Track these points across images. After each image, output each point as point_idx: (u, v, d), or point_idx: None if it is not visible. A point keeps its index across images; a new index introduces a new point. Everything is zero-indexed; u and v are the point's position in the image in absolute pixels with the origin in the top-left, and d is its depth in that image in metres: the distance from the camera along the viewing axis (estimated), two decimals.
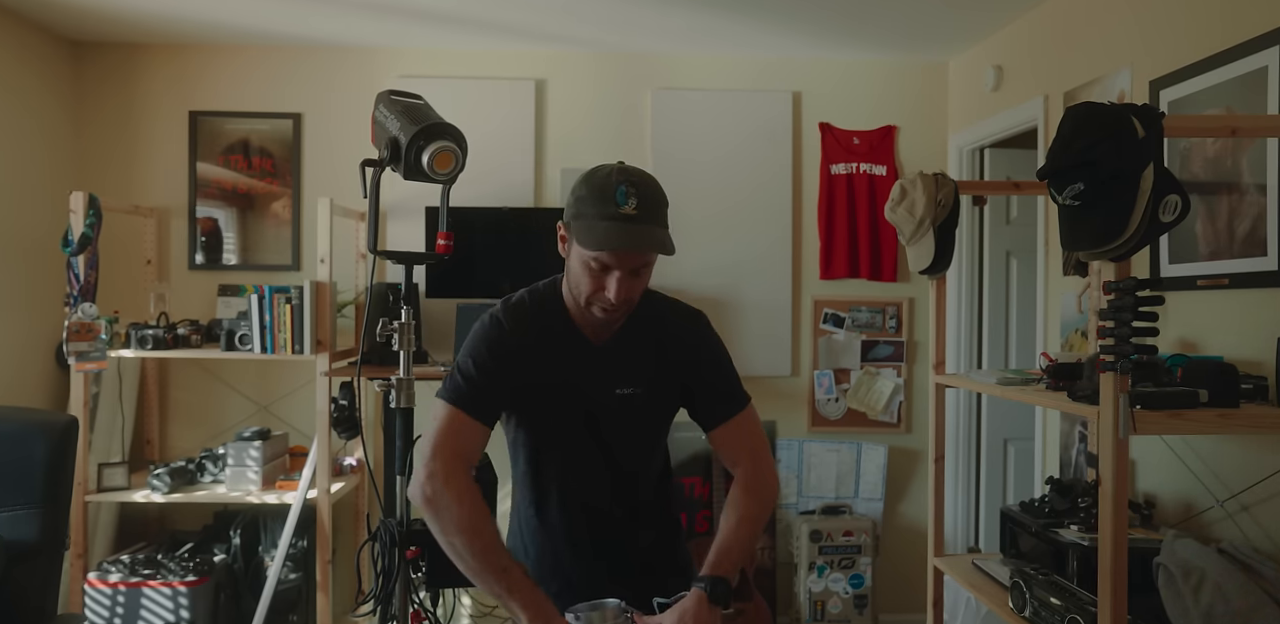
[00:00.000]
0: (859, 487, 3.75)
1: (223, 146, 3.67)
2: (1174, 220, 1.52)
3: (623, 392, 1.63)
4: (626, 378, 1.63)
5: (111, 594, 3.01)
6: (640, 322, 1.66)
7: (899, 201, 2.54)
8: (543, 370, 1.61)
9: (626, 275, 1.50)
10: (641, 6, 3.15)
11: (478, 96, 3.67)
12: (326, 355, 3.10)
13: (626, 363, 1.64)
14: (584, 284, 1.53)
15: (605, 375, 1.63)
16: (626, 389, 1.63)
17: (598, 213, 1.47)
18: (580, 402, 1.63)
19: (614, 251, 1.47)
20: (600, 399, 1.63)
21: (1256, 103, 2.04)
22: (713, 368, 1.69)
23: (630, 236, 1.46)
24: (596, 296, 1.53)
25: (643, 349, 1.65)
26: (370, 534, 1.98)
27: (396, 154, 1.89)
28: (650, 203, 1.50)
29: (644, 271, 1.54)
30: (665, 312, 1.71)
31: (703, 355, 1.68)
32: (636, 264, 1.51)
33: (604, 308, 1.54)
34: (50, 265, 3.37)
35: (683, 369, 1.67)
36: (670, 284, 3.49)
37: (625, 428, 1.67)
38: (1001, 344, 3.66)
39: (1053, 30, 3.01)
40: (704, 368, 1.68)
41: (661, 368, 1.65)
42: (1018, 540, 2.36)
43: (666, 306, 1.72)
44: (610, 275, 1.50)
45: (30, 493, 2.06)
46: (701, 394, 1.67)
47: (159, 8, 3.20)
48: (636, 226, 1.46)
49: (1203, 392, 1.76)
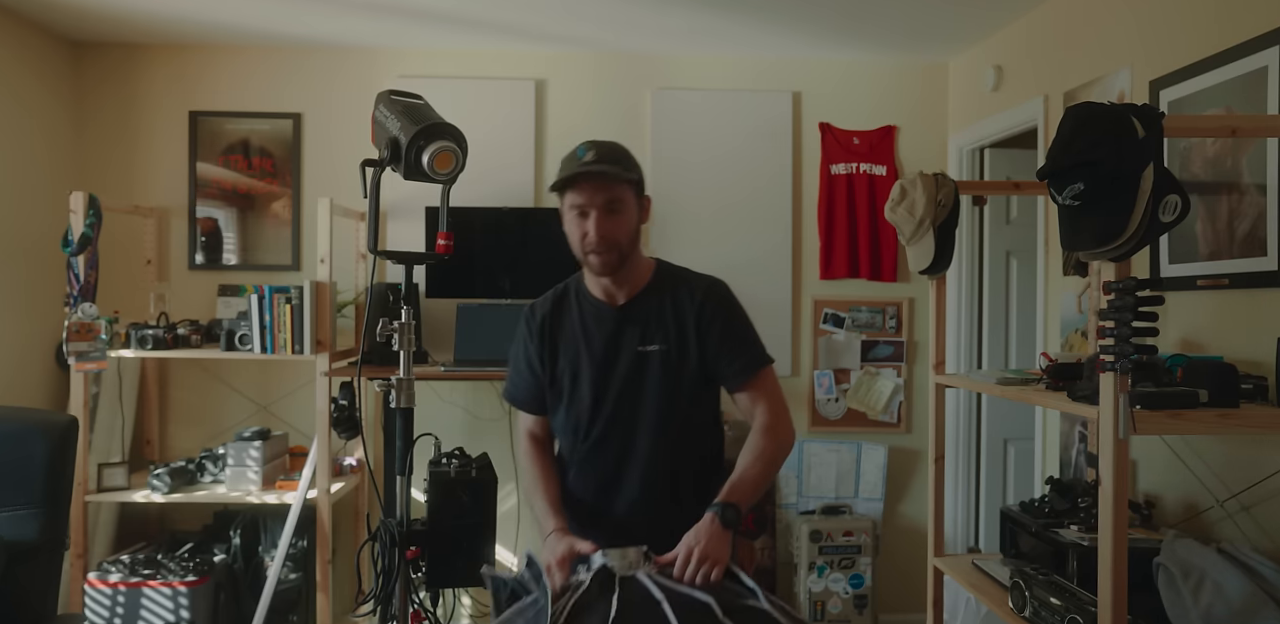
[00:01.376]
0: (859, 487, 3.75)
1: (223, 146, 3.67)
2: (1174, 220, 1.52)
3: (647, 349, 1.77)
4: (648, 336, 1.78)
5: (111, 594, 3.01)
6: (657, 286, 1.82)
7: (899, 201, 2.54)
8: (570, 335, 1.82)
9: (603, 215, 1.70)
10: (641, 6, 3.15)
11: (478, 96, 3.67)
12: (326, 355, 3.10)
13: (646, 322, 1.79)
14: (574, 235, 1.73)
15: (627, 334, 1.78)
16: (650, 346, 1.77)
17: (565, 168, 1.73)
18: (611, 359, 1.78)
19: (577, 188, 1.69)
20: (628, 357, 1.77)
21: (1256, 103, 2.04)
22: (730, 329, 1.80)
23: (587, 173, 1.69)
24: (585, 242, 1.71)
25: (660, 310, 1.79)
26: (370, 534, 1.98)
27: (396, 154, 1.89)
28: (607, 152, 1.73)
29: (620, 209, 1.72)
30: (682, 278, 1.86)
31: (720, 317, 1.79)
32: (603, 199, 1.69)
33: (593, 250, 1.71)
34: (50, 265, 3.37)
35: (702, 330, 1.78)
36: None
37: (658, 385, 1.77)
38: (1001, 344, 3.66)
39: (1052, 30, 3.01)
40: (722, 328, 1.79)
41: (681, 328, 1.78)
42: (1018, 540, 2.36)
43: (684, 273, 1.88)
44: (588, 219, 1.70)
45: (30, 493, 2.06)
46: (723, 354, 1.78)
47: (159, 8, 3.20)
48: (592, 167, 1.69)
49: (1203, 392, 1.76)
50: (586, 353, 1.80)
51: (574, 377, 1.81)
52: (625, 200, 1.73)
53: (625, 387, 1.78)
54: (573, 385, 1.81)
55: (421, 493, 3.31)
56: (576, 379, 1.80)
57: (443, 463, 3.03)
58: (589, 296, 1.84)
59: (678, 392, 1.78)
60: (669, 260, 1.93)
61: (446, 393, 3.63)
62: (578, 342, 1.81)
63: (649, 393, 1.77)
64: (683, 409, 1.79)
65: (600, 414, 1.78)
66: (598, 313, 1.82)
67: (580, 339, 1.81)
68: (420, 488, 3.25)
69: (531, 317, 1.88)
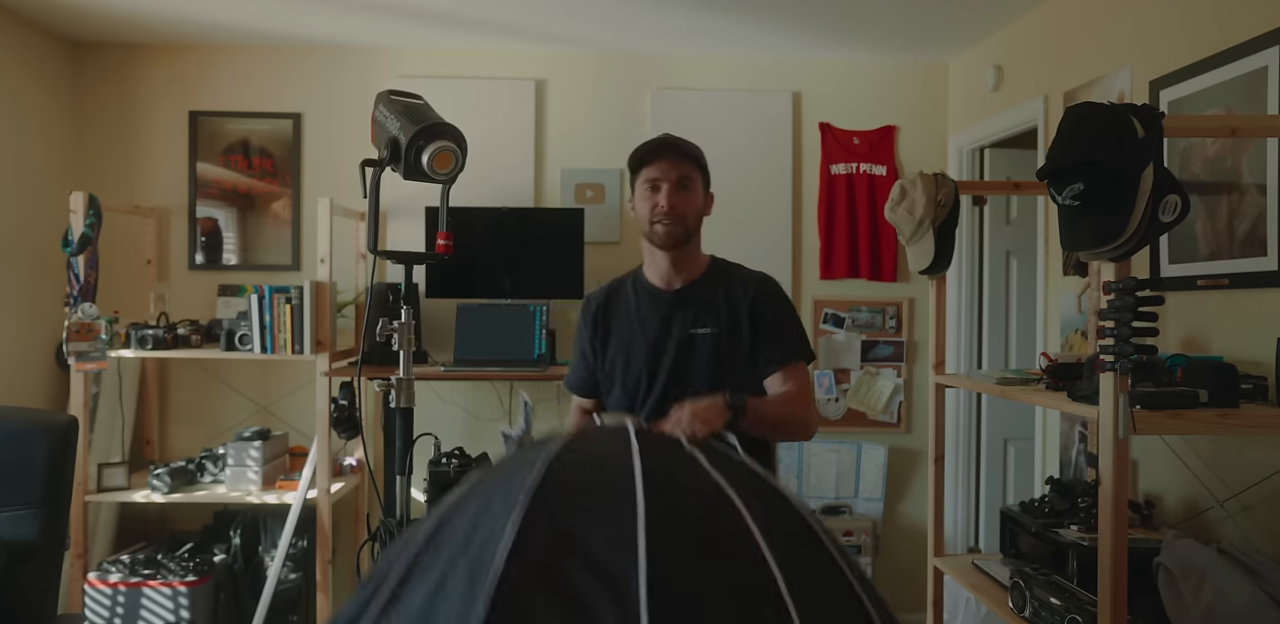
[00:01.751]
0: (859, 487, 3.75)
1: (223, 146, 3.67)
2: (1174, 220, 1.52)
3: (698, 331, 1.88)
4: (700, 319, 1.88)
5: (111, 594, 3.01)
6: (712, 276, 1.94)
7: (899, 201, 2.54)
8: (624, 319, 1.94)
9: (674, 189, 1.83)
10: (641, 6, 3.15)
11: (478, 96, 3.67)
12: (326, 355, 3.10)
13: (699, 307, 1.89)
14: (644, 207, 1.86)
15: (680, 317, 1.89)
16: (702, 329, 1.88)
17: (640, 149, 1.89)
18: (663, 340, 1.89)
19: (655, 163, 1.84)
20: (679, 338, 1.88)
21: (1256, 103, 2.04)
22: (775, 320, 1.90)
23: (666, 147, 1.87)
24: (656, 212, 1.84)
25: (712, 295, 1.90)
26: (370, 534, 1.98)
27: (396, 154, 1.89)
28: (683, 141, 1.90)
29: (690, 187, 1.86)
30: (734, 270, 1.98)
31: (766, 308, 1.90)
32: (676, 175, 1.84)
33: (662, 220, 1.83)
34: (50, 265, 3.37)
35: (755, 319, 1.88)
36: None
37: (708, 366, 1.86)
38: (1001, 344, 3.66)
39: (1052, 30, 3.01)
40: (767, 319, 1.89)
41: (734, 315, 1.88)
42: (1018, 540, 2.36)
43: (736, 267, 1.99)
44: (660, 191, 1.83)
45: (30, 493, 2.06)
46: (762, 342, 1.88)
47: (159, 8, 3.20)
48: (671, 143, 1.88)
49: (1203, 392, 1.76)
50: (641, 334, 1.91)
51: (627, 357, 1.92)
52: (695, 181, 1.88)
53: (675, 365, 1.87)
54: (625, 365, 1.92)
55: (421, 493, 3.31)
56: (630, 359, 1.91)
57: (443, 463, 3.03)
58: (645, 283, 1.95)
59: (726, 371, 1.86)
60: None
61: (446, 393, 3.63)
62: (632, 324, 1.93)
63: (699, 371, 1.86)
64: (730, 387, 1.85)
65: (652, 392, 1.88)
66: (653, 297, 1.93)
67: (635, 321, 1.93)
68: (420, 488, 3.26)
69: (587, 305, 2.01)
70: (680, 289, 1.92)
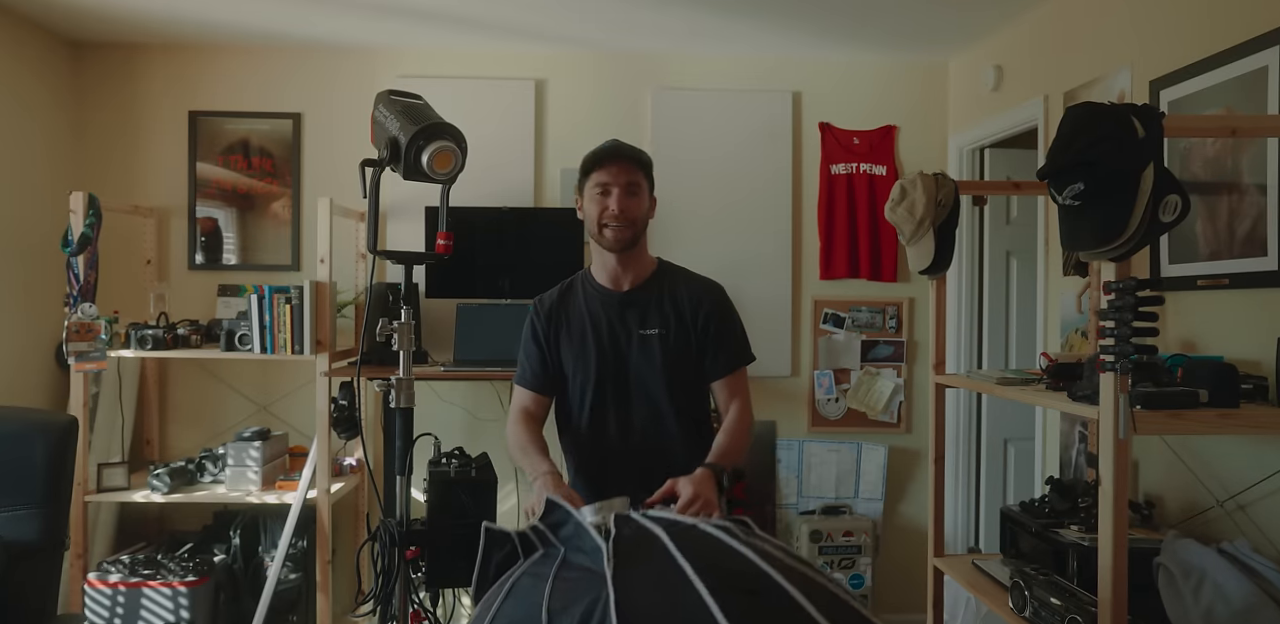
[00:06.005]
0: (859, 487, 3.75)
1: (222, 146, 3.67)
2: (1174, 220, 1.52)
3: (647, 332, 1.97)
4: (648, 320, 1.98)
5: (111, 594, 3.01)
6: (658, 279, 2.03)
7: (899, 201, 2.54)
8: (575, 317, 2.01)
9: (624, 194, 1.91)
10: (641, 6, 3.15)
11: (478, 96, 3.67)
12: (326, 355, 3.10)
13: (646, 308, 1.99)
14: (593, 211, 1.93)
15: (629, 317, 1.98)
16: (651, 329, 1.97)
17: (593, 154, 1.96)
18: (614, 338, 1.97)
19: (605, 168, 1.91)
20: (629, 337, 1.97)
21: (1256, 103, 2.04)
22: (722, 327, 2.00)
23: (616, 153, 1.94)
24: (605, 215, 1.91)
25: (660, 299, 1.99)
26: (370, 534, 1.98)
27: (396, 154, 1.89)
28: (631, 147, 1.96)
29: (638, 192, 1.94)
30: (682, 275, 2.07)
31: (714, 314, 2.00)
32: (625, 180, 1.91)
33: (611, 223, 1.91)
34: (50, 265, 3.37)
35: (699, 323, 1.98)
36: None
37: (657, 364, 1.96)
38: (1001, 344, 3.66)
39: (1052, 30, 3.01)
40: (713, 325, 1.99)
41: (680, 317, 1.98)
42: (1018, 541, 2.36)
43: (685, 272, 2.08)
44: (610, 195, 1.91)
45: (30, 493, 2.06)
46: (710, 348, 1.99)
47: (159, 8, 3.20)
48: (621, 149, 1.95)
49: (1203, 392, 1.76)
50: (591, 332, 1.99)
51: (579, 353, 1.99)
52: (642, 186, 1.96)
53: (626, 363, 1.97)
54: (576, 361, 1.99)
55: (421, 493, 3.30)
56: (582, 355, 1.98)
57: (442, 463, 3.03)
58: (594, 284, 2.03)
59: (674, 370, 1.97)
60: (669, 260, 2.11)
61: (446, 393, 3.63)
62: (583, 322, 2.00)
63: (646, 369, 1.96)
64: (675, 385, 1.98)
65: (602, 388, 1.97)
66: (603, 297, 2.01)
67: (585, 320, 2.00)
68: (420, 488, 3.25)
69: (540, 304, 2.07)
70: (629, 290, 2.01)
